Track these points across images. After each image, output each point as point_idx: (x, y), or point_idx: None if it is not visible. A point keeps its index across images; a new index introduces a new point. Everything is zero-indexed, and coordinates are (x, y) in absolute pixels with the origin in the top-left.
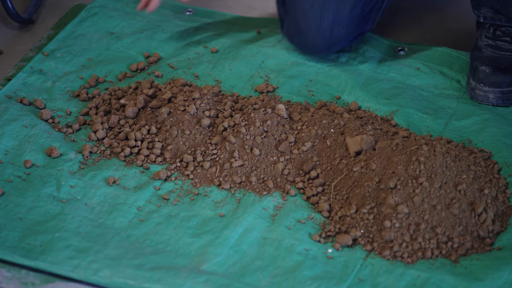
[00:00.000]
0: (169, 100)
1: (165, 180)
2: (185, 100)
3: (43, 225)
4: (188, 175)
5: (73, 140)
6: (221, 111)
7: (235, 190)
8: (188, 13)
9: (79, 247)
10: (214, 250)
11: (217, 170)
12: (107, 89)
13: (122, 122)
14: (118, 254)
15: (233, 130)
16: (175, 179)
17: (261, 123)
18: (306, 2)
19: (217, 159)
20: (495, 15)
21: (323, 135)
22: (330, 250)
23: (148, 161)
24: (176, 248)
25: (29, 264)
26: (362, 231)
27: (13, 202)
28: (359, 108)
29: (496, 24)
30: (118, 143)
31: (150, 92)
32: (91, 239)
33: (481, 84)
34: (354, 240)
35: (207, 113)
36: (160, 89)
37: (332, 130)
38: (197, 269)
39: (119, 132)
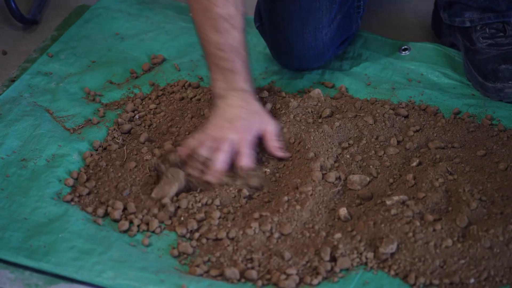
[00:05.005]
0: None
1: None
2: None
3: (47, 226)
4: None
5: (81, 138)
6: None
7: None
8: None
9: (83, 249)
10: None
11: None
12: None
13: None
14: (122, 256)
15: None
16: None
17: None
18: (285, 23)
19: None
20: (482, 14)
21: None
22: None
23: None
24: None
25: (33, 265)
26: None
27: (16, 202)
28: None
29: (486, 23)
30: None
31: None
32: (95, 241)
33: (510, 82)
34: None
35: None
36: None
37: None
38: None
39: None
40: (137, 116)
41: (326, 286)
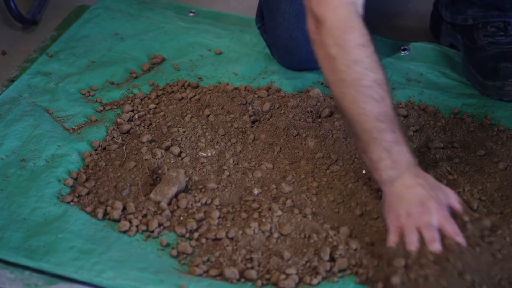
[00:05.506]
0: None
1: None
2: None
3: (46, 226)
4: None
5: (81, 138)
6: None
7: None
8: (191, 14)
9: (82, 249)
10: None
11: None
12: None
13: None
14: (122, 256)
15: None
16: None
17: None
18: (290, 25)
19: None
20: (486, 12)
21: None
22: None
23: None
24: None
25: (33, 265)
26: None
27: (16, 203)
28: None
29: (489, 21)
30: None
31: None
32: (94, 241)
33: (510, 80)
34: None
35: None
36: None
37: None
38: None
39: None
40: (136, 116)
41: (325, 286)
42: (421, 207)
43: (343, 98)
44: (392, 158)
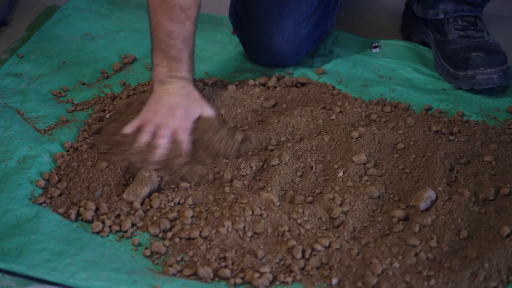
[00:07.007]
0: None
1: None
2: None
3: (19, 228)
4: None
5: (52, 139)
6: None
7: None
8: None
9: (55, 250)
10: None
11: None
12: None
13: None
14: (95, 257)
15: None
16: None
17: None
18: (263, 16)
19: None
20: (457, 6)
21: None
22: None
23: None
24: None
25: (5, 267)
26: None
27: None
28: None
29: (460, 15)
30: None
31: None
32: (67, 242)
33: (481, 68)
34: None
35: None
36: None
37: None
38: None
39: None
40: (107, 116)
41: (300, 284)
42: (168, 110)
43: (149, 6)
44: (169, 68)
